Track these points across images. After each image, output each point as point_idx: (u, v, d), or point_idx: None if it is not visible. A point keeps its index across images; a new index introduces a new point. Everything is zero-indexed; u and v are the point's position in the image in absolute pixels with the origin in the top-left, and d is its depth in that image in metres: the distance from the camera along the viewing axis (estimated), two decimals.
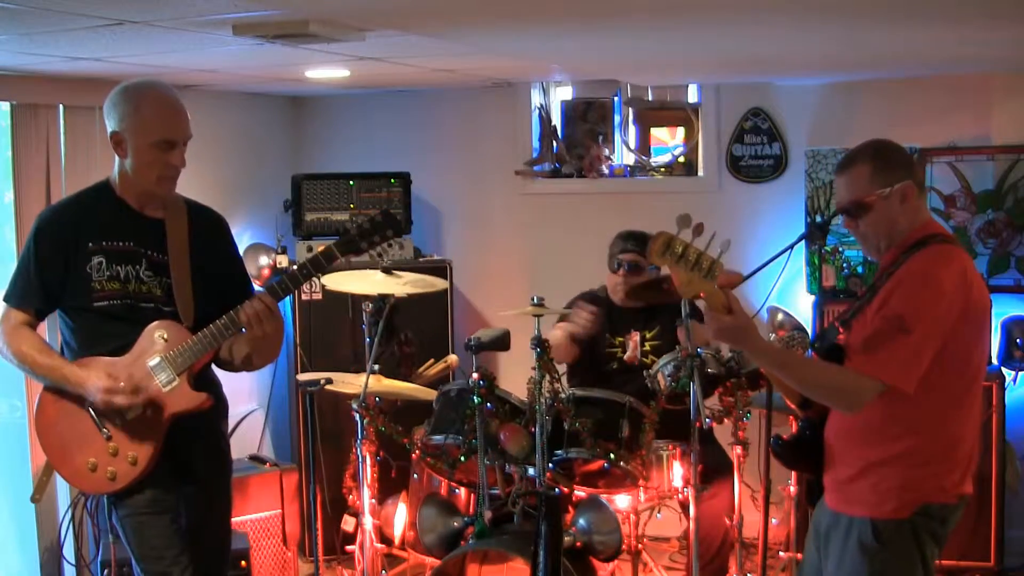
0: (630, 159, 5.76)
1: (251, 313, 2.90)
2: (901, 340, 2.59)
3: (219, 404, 3.15)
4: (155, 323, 2.96)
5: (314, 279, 3.09)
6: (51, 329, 3.97)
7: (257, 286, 3.38)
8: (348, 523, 4.45)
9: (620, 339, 4.47)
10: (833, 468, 2.82)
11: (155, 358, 2.93)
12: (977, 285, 2.71)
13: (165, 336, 2.95)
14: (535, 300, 3.89)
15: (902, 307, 2.61)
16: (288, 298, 4.52)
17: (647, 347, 4.41)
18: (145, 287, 2.98)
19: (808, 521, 3.02)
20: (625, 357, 4.41)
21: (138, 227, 3.00)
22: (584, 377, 4.41)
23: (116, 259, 2.96)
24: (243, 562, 4.32)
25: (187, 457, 3.03)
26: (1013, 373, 4.70)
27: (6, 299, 3.05)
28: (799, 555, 4.16)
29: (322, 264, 2.98)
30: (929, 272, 2.65)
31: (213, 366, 3.15)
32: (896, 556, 2.69)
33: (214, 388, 3.13)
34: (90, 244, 2.96)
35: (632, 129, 5.77)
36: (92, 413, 2.94)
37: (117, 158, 2.98)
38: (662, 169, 5.64)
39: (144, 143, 2.91)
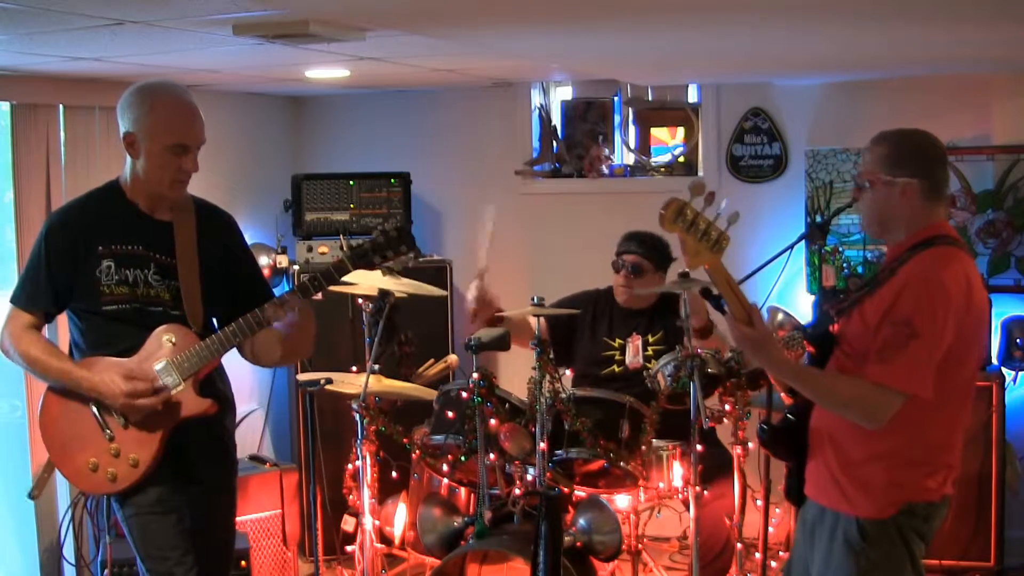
0: (630, 159, 5.76)
1: (278, 318, 2.90)
2: (913, 346, 2.58)
3: (226, 404, 3.15)
4: (163, 327, 2.96)
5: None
6: (52, 329, 3.99)
7: None
8: (348, 523, 4.44)
9: (620, 341, 4.44)
10: (817, 458, 2.82)
11: (161, 362, 2.93)
12: (977, 288, 2.71)
13: (172, 340, 2.95)
14: (535, 300, 3.89)
15: (910, 312, 2.60)
16: None
17: (649, 351, 4.38)
18: (153, 291, 2.98)
19: None
20: (627, 363, 4.38)
21: (147, 230, 2.99)
22: (583, 382, 4.38)
23: (125, 263, 2.96)
24: (243, 562, 4.33)
25: (193, 457, 3.03)
26: (1013, 373, 4.70)
27: (13, 300, 3.04)
28: None
29: (334, 277, 2.97)
30: (933, 275, 2.65)
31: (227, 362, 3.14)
32: (883, 554, 2.70)
33: (221, 390, 3.12)
34: (99, 247, 2.95)
35: (632, 129, 5.77)
36: (96, 413, 2.95)
37: (128, 159, 2.98)
38: (662, 169, 5.64)
39: (158, 146, 2.90)
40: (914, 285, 2.64)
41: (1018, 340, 4.65)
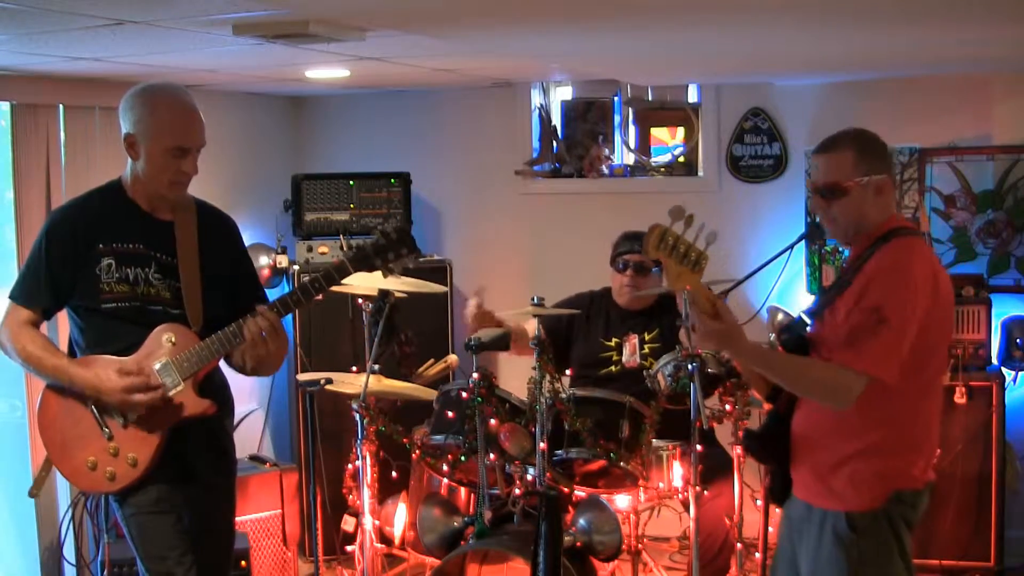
0: (630, 159, 5.76)
1: (255, 331, 2.89)
2: (882, 332, 2.63)
3: (226, 404, 3.15)
4: (163, 326, 2.95)
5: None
6: (51, 327, 3.99)
7: None
8: (348, 523, 4.44)
9: (616, 340, 4.44)
10: (804, 461, 2.84)
11: (161, 361, 2.93)
12: (943, 277, 2.78)
13: (172, 339, 2.95)
14: (535, 300, 3.89)
15: (879, 299, 2.65)
16: None
17: (646, 349, 4.38)
18: (154, 290, 2.98)
19: None
20: (624, 362, 4.39)
21: (148, 229, 3.00)
22: (582, 383, 4.38)
23: (125, 261, 2.96)
24: (243, 562, 4.32)
25: (193, 457, 3.03)
26: (1013, 373, 4.70)
27: (12, 297, 3.04)
28: None
29: (335, 279, 2.98)
30: (901, 264, 2.70)
31: (222, 364, 3.13)
32: (873, 544, 2.73)
33: (220, 390, 3.12)
34: (100, 245, 2.96)
35: (632, 129, 5.77)
36: (95, 412, 2.94)
37: (129, 159, 2.98)
38: (662, 169, 5.64)
39: (158, 148, 2.91)
40: (882, 275, 2.69)
41: (1018, 340, 4.65)
